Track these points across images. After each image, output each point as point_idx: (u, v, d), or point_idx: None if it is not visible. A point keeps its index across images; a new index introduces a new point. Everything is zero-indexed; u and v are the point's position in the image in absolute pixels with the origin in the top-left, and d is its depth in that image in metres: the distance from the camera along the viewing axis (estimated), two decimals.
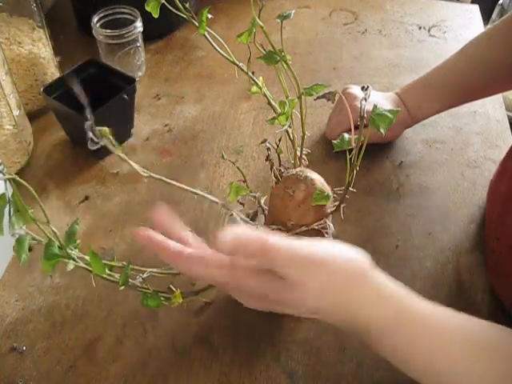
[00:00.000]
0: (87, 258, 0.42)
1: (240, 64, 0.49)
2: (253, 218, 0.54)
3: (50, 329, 0.55)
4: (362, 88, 0.40)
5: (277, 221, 0.49)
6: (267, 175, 0.69)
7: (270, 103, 0.51)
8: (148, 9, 0.48)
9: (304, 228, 0.48)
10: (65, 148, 0.74)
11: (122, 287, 0.44)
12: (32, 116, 0.75)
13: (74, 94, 0.42)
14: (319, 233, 0.49)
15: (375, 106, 0.41)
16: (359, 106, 0.40)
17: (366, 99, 0.40)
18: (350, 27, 0.97)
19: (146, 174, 0.43)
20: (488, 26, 1.32)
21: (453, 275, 0.59)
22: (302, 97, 0.49)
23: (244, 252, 0.36)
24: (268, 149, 0.52)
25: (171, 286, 0.57)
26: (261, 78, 0.50)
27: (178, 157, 0.73)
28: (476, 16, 1.00)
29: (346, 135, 0.45)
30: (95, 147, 0.39)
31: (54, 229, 0.40)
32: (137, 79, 0.73)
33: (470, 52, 0.67)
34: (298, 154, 0.52)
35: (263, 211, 0.54)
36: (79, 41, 0.91)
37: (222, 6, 1.00)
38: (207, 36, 0.48)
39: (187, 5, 0.46)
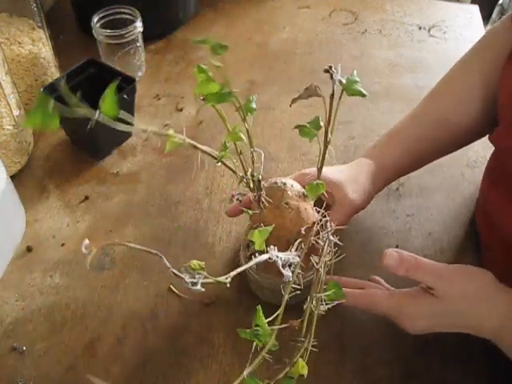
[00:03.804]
0: None
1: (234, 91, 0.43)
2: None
3: (50, 329, 0.55)
4: (325, 70, 0.39)
5: (280, 237, 0.48)
6: (267, 175, 0.69)
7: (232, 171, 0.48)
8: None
9: (312, 237, 0.46)
10: (65, 148, 0.74)
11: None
12: None
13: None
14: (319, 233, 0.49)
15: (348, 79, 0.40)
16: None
17: (332, 76, 0.38)
18: (350, 27, 0.97)
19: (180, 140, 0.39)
20: (488, 27, 1.32)
21: None
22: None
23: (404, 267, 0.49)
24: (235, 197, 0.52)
25: (171, 287, 0.57)
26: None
27: (177, 157, 0.73)
28: (476, 16, 1.00)
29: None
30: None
31: None
32: (137, 79, 0.72)
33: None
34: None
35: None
36: (79, 41, 0.91)
37: (222, 6, 1.00)
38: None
39: (187, 5, 0.46)
